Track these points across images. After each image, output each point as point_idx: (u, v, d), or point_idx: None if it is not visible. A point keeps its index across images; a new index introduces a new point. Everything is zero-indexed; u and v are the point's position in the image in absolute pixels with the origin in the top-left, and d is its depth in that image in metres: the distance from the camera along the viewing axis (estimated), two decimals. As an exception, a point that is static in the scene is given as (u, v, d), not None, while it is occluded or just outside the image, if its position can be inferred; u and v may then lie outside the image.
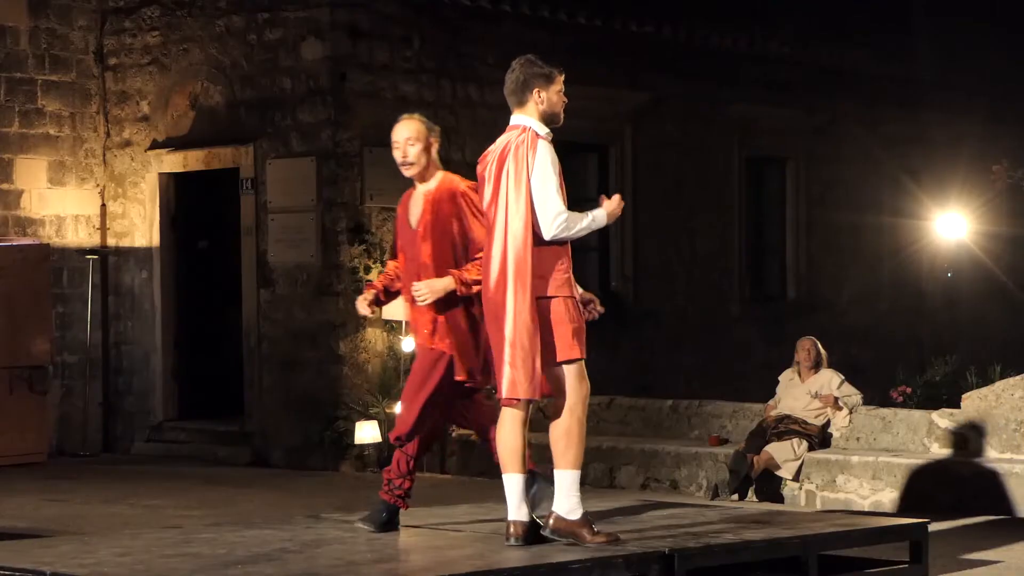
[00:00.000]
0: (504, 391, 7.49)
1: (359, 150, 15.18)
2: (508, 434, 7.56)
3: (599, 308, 7.87)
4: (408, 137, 8.14)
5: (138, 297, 16.76)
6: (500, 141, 7.68)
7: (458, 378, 8.01)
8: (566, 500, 7.52)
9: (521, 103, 7.68)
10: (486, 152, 7.75)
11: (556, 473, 7.57)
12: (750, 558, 7.77)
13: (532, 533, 7.49)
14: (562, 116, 7.73)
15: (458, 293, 7.97)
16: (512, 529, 7.49)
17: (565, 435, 7.54)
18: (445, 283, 7.97)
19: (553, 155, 7.55)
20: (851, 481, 12.56)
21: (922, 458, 12.43)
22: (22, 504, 12.28)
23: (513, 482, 7.51)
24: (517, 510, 7.50)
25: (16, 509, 11.94)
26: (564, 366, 7.49)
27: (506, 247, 7.48)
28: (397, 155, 8.17)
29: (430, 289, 7.98)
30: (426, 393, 8.03)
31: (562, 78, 7.72)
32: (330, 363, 15.02)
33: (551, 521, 7.53)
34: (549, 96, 7.65)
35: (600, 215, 7.58)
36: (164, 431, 16.50)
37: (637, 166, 18.11)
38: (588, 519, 7.53)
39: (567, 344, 7.47)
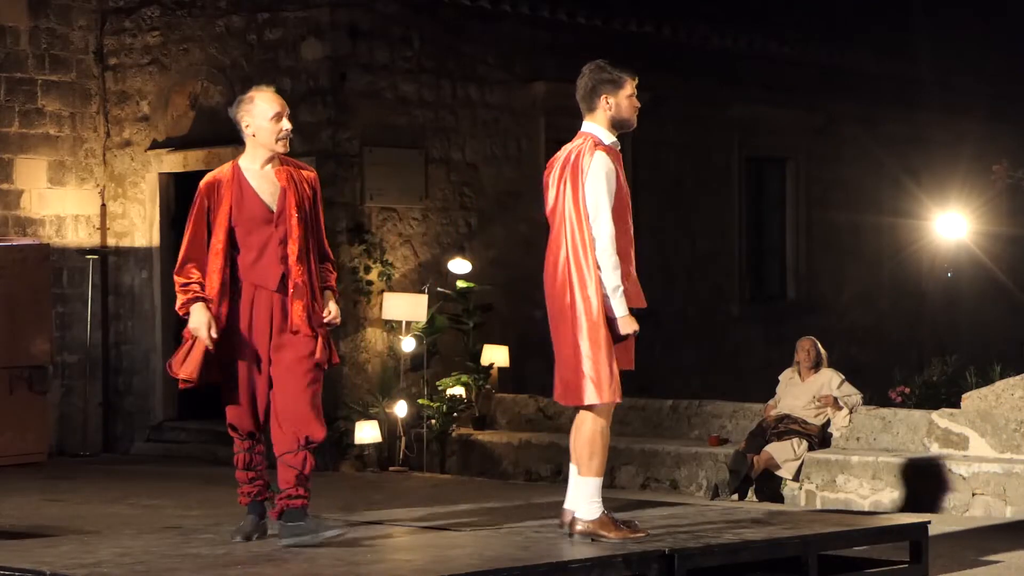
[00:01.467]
0: (586, 398, 7.54)
1: (359, 150, 15.19)
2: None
3: None
4: (288, 113, 7.85)
5: (138, 297, 16.76)
6: (565, 149, 7.75)
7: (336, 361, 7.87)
8: (587, 505, 7.62)
9: (591, 109, 7.73)
10: (552, 160, 7.81)
11: (579, 479, 7.65)
12: (750, 558, 7.77)
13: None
14: (634, 121, 7.76)
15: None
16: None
17: (590, 443, 7.67)
18: (334, 301, 7.88)
19: (608, 166, 7.55)
20: (851, 481, 12.56)
21: (922, 458, 12.43)
22: (22, 504, 12.27)
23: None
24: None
25: (16, 509, 11.94)
26: None
27: (568, 257, 7.58)
28: (281, 128, 7.75)
29: (338, 311, 7.89)
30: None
31: (634, 83, 7.75)
32: (330, 363, 15.01)
33: (577, 527, 7.61)
34: (619, 102, 7.70)
35: (622, 311, 7.55)
36: (164, 431, 16.50)
37: (637, 166, 18.09)
38: (609, 517, 7.61)
39: (623, 354, 7.63)
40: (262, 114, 7.78)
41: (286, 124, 7.78)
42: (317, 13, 15.26)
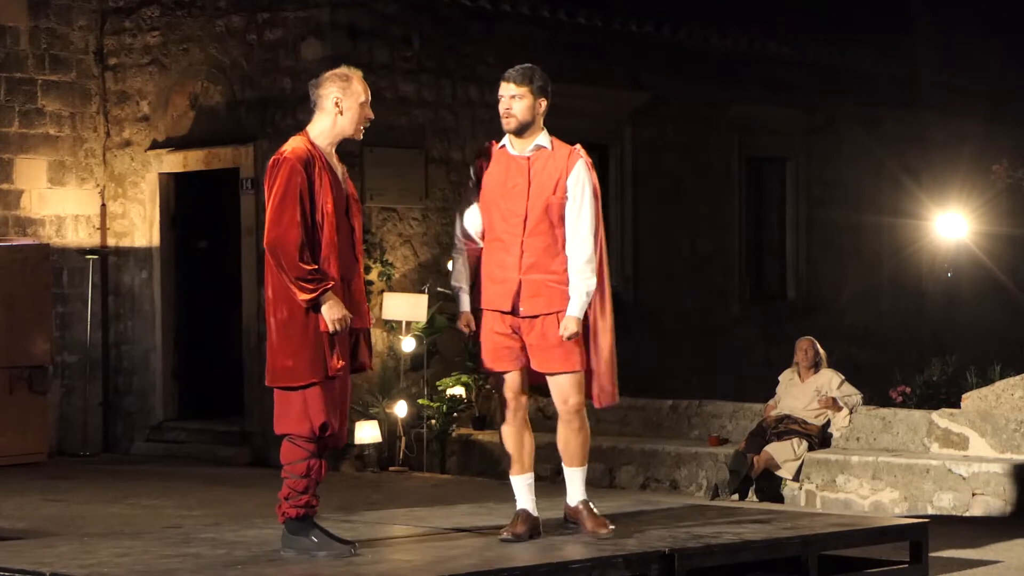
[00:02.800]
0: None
1: (359, 150, 15.17)
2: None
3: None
4: None
5: (138, 297, 16.76)
6: None
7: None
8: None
9: None
10: None
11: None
12: (750, 558, 7.77)
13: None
14: (504, 123, 7.88)
15: None
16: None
17: None
18: None
19: (472, 173, 7.89)
20: (851, 481, 12.56)
21: (922, 458, 12.44)
22: (22, 504, 12.28)
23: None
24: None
25: (16, 509, 11.94)
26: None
27: None
28: (368, 116, 7.46)
29: None
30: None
31: (504, 84, 7.97)
32: (330, 363, 15.00)
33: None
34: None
35: (462, 300, 7.85)
36: (164, 431, 16.50)
37: (637, 166, 18.11)
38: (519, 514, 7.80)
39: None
40: (356, 96, 7.42)
41: (371, 114, 7.54)
42: (317, 13, 15.27)
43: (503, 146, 7.88)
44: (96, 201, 16.90)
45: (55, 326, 16.25)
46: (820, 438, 13.04)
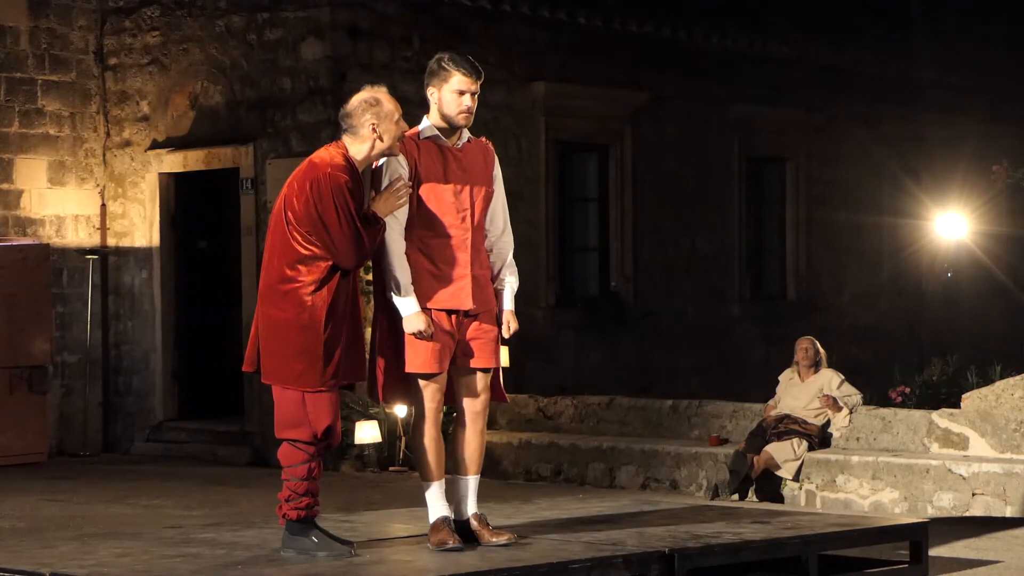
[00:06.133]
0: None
1: (359, 150, 15.18)
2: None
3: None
4: None
5: (138, 297, 16.77)
6: None
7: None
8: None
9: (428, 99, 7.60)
10: None
11: None
12: (750, 558, 7.77)
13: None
14: (459, 119, 7.60)
15: None
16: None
17: None
18: None
19: (391, 166, 7.61)
20: (851, 481, 12.56)
21: (922, 458, 12.43)
22: (22, 504, 12.28)
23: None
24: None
25: (16, 509, 11.95)
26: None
27: None
28: (403, 129, 7.49)
29: None
30: None
31: (467, 79, 7.55)
32: (330, 363, 14.99)
33: None
34: (442, 96, 7.58)
35: (414, 300, 7.50)
36: (164, 431, 16.51)
37: (637, 166, 18.10)
38: (436, 524, 7.57)
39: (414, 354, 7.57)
40: (390, 117, 7.41)
41: (405, 126, 7.49)
42: (317, 13, 15.27)
43: (429, 138, 7.61)
44: (96, 201, 16.90)
45: (55, 326, 16.25)
46: (820, 438, 13.03)
